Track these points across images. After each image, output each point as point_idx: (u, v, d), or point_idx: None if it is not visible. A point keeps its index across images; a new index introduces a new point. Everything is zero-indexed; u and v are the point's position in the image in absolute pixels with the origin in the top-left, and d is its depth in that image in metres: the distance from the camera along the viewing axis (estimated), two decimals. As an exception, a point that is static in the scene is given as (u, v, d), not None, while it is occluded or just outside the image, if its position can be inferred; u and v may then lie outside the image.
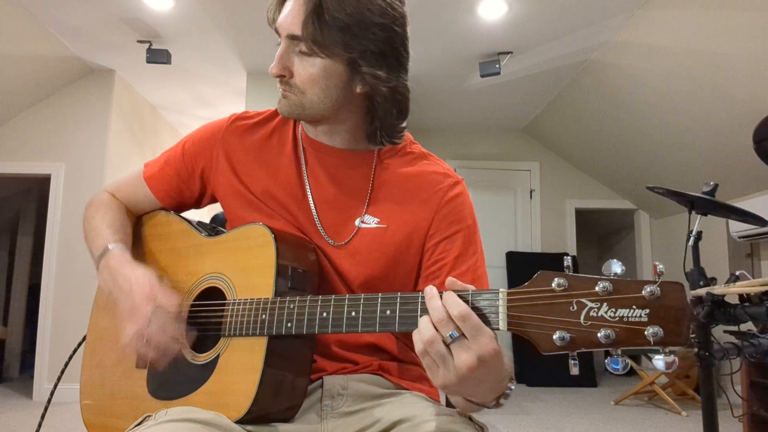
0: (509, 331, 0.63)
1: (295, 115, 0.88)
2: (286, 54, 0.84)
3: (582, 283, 0.60)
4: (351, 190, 0.92)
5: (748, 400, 2.90)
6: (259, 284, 0.81)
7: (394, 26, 0.83)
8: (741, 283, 1.77)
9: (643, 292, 0.57)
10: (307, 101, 0.85)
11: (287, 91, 0.86)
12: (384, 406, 0.85)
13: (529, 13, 3.57)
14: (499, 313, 0.63)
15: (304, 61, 0.83)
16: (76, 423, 3.56)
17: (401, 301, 0.69)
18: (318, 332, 0.75)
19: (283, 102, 0.87)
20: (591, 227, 6.96)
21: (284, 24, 0.83)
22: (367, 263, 0.88)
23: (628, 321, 0.57)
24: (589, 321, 0.59)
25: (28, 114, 4.48)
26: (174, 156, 1.00)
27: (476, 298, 0.65)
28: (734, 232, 4.10)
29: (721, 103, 3.60)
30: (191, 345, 0.86)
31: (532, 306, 0.62)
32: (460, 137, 6.01)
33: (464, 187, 0.94)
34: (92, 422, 0.94)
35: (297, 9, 0.81)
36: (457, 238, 0.88)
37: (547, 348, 0.60)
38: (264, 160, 0.95)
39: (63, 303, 4.28)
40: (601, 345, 0.58)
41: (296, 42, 0.82)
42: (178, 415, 0.73)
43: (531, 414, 4.07)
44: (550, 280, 0.61)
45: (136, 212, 1.06)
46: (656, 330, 0.56)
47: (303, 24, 0.79)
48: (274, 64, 0.84)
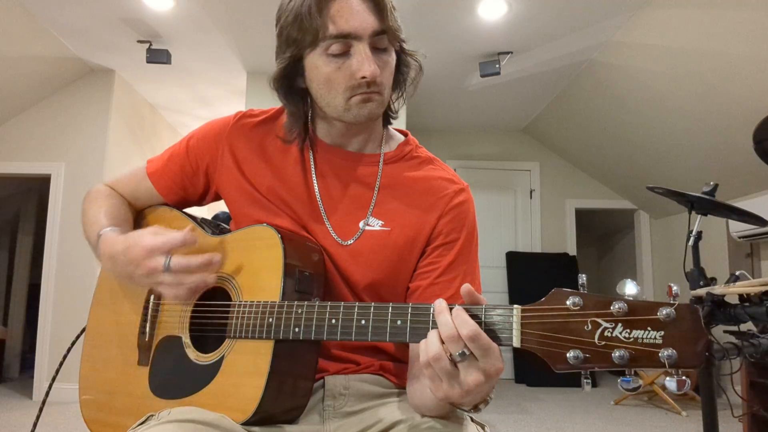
0: (522, 348, 0.63)
1: (376, 116, 0.89)
2: (374, 54, 0.82)
3: (597, 303, 0.60)
4: (357, 192, 0.91)
5: (748, 400, 2.90)
6: (265, 286, 0.80)
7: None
8: (741, 283, 1.77)
9: (659, 314, 0.57)
10: (386, 97, 0.87)
11: (375, 92, 0.83)
12: (385, 406, 0.85)
13: (529, 13, 3.57)
14: (513, 330, 0.63)
15: (383, 56, 0.84)
16: (75, 423, 3.56)
17: (412, 312, 0.69)
18: (326, 339, 0.74)
19: (371, 106, 0.84)
20: (591, 227, 6.96)
21: (367, 23, 0.80)
22: (370, 265, 0.88)
23: (642, 342, 0.57)
24: (604, 341, 0.59)
25: (28, 114, 4.48)
26: (178, 152, 0.99)
27: (489, 314, 0.64)
28: (734, 232, 4.10)
29: (721, 103, 3.60)
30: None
31: (546, 324, 0.62)
32: (460, 137, 6.01)
33: (469, 194, 0.94)
34: (92, 418, 0.94)
35: (370, 6, 0.81)
36: (455, 245, 0.88)
37: (561, 366, 0.60)
38: (269, 158, 0.94)
39: (63, 303, 4.28)
40: (615, 365, 0.58)
41: (380, 37, 0.82)
42: (181, 416, 0.72)
43: (531, 414, 4.07)
44: (564, 298, 0.61)
45: (137, 207, 1.04)
46: (671, 353, 0.56)
47: (385, 17, 0.81)
48: (370, 63, 0.80)
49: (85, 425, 0.94)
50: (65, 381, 1.08)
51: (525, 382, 5.28)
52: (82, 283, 4.24)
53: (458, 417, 0.80)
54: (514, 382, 5.40)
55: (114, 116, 4.56)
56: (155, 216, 1.02)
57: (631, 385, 0.60)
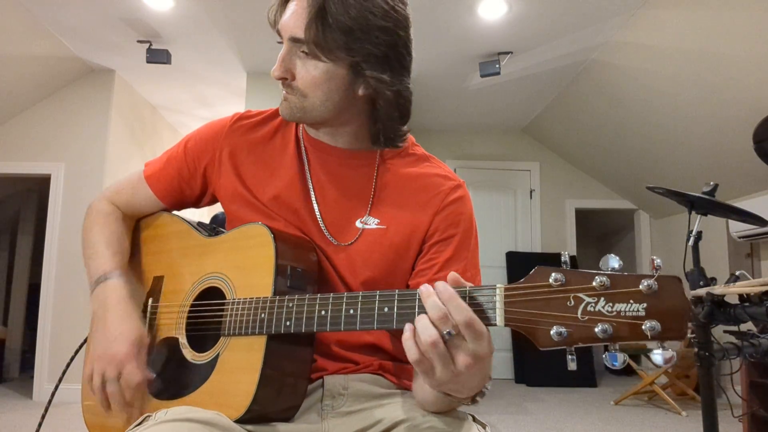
0: (506, 326, 0.63)
1: (296, 118, 0.87)
2: (288, 56, 0.83)
3: (579, 278, 0.60)
4: (353, 191, 0.91)
5: (748, 400, 2.90)
6: (258, 284, 0.81)
7: (397, 29, 0.82)
8: (741, 283, 1.77)
9: (641, 287, 0.57)
10: (308, 104, 0.84)
11: (289, 94, 0.85)
12: (385, 406, 0.85)
13: (529, 13, 3.57)
14: (496, 309, 0.63)
15: (307, 63, 0.82)
16: (77, 423, 3.55)
17: (399, 299, 0.69)
18: (317, 330, 0.75)
19: (284, 105, 0.86)
20: (591, 227, 6.96)
21: (287, 26, 0.82)
22: (366, 264, 0.88)
23: (625, 315, 0.57)
24: (587, 316, 0.59)
25: (28, 114, 4.48)
26: (176, 155, 1.00)
27: (474, 294, 0.65)
28: (734, 232, 4.10)
29: (721, 103, 3.60)
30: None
31: (529, 301, 0.62)
32: (460, 137, 6.01)
33: (465, 191, 0.93)
34: (92, 422, 0.95)
35: (300, 11, 0.79)
36: (453, 241, 0.88)
37: (545, 343, 0.60)
38: (266, 160, 0.94)
39: (63, 303, 4.28)
40: (599, 340, 0.58)
41: (299, 44, 0.81)
42: (178, 415, 0.73)
43: (531, 414, 4.07)
44: (547, 275, 0.61)
45: (137, 214, 1.05)
46: (654, 324, 0.56)
47: (306, 27, 0.78)
48: (276, 66, 0.83)
49: (87, 430, 0.95)
50: (66, 381, 1.08)
51: (525, 382, 5.28)
52: (82, 283, 4.19)
53: (460, 417, 0.80)
54: (514, 382, 5.40)
55: (114, 116, 4.57)
56: (154, 223, 1.04)
57: (618, 360, 0.59)
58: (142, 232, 1.04)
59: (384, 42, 0.81)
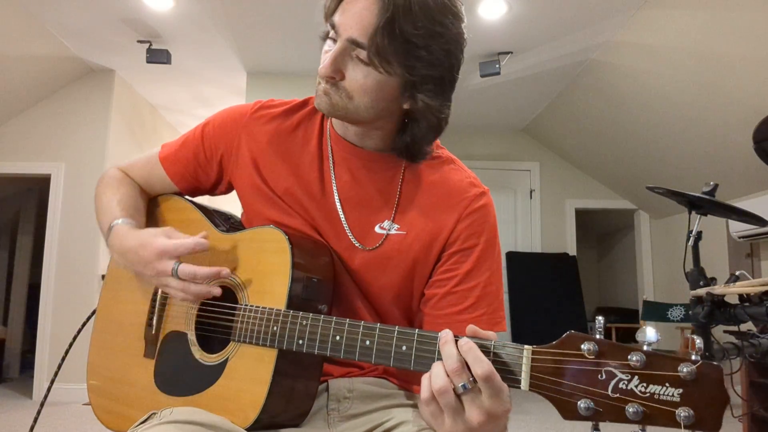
0: (531, 391, 0.60)
1: (334, 115, 0.82)
2: (341, 56, 0.76)
3: (614, 351, 0.57)
4: (375, 194, 0.88)
5: (748, 400, 2.90)
6: (272, 292, 0.79)
7: (457, 52, 0.79)
8: (741, 283, 1.77)
9: (679, 371, 0.53)
10: (352, 106, 0.79)
11: (332, 91, 0.79)
12: (390, 408, 0.85)
13: (529, 13, 3.57)
14: (522, 371, 0.60)
15: (360, 68, 0.76)
16: (75, 423, 3.56)
17: (418, 339, 0.66)
18: (330, 355, 0.72)
19: (324, 99, 0.80)
20: (591, 227, 6.97)
21: (348, 26, 0.75)
22: (385, 269, 0.86)
23: (659, 400, 0.54)
24: (618, 393, 0.56)
25: (28, 114, 4.48)
26: (193, 138, 0.96)
27: (498, 351, 0.62)
28: (734, 232, 4.10)
29: (721, 103, 3.60)
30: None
31: (558, 369, 0.59)
32: (460, 137, 6.00)
33: (490, 199, 0.90)
34: (97, 403, 0.94)
35: (367, 15, 0.73)
36: (474, 251, 0.85)
37: (571, 416, 0.57)
38: (286, 154, 0.91)
39: (63, 303, 4.28)
40: (628, 420, 0.55)
41: (355, 47, 0.75)
42: (183, 416, 0.72)
43: (531, 414, 4.07)
44: (579, 342, 0.58)
45: (150, 193, 1.02)
46: (688, 413, 0.52)
47: (372, 34, 0.73)
48: (327, 64, 0.77)
49: (92, 409, 0.94)
50: (65, 381, 1.07)
51: (525, 382, 5.28)
52: (82, 283, 4.24)
53: None
54: (514, 382, 5.39)
55: (114, 116, 4.56)
56: (167, 205, 1.01)
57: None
58: (155, 213, 1.01)
59: (443, 65, 0.78)
